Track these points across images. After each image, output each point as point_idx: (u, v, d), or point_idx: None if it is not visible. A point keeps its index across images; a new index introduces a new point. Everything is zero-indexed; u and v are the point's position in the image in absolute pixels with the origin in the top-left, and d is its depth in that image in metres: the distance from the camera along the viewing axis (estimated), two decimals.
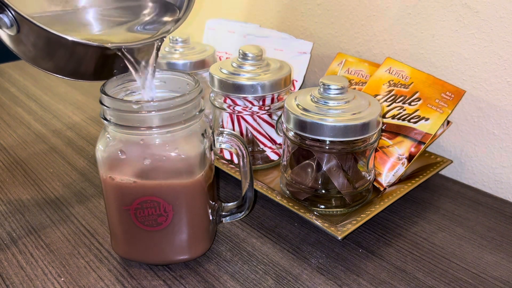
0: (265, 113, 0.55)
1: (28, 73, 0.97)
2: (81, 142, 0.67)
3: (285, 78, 0.54)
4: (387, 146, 0.52)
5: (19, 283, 0.41)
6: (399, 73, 0.56)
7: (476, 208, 0.52)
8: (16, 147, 0.66)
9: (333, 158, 0.47)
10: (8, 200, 0.54)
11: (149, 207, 0.39)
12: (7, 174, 0.59)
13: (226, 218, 0.46)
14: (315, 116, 0.44)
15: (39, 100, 0.83)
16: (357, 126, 0.44)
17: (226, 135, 0.42)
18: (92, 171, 0.60)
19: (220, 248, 0.46)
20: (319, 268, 0.43)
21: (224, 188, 0.56)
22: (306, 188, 0.48)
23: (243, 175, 0.44)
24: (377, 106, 0.47)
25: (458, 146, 0.59)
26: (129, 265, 0.43)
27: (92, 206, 0.52)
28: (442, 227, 0.48)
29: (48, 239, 0.47)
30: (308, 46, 0.67)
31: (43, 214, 0.51)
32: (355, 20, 0.67)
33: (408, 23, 0.60)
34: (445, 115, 0.51)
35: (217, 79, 0.53)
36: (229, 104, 0.55)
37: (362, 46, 0.67)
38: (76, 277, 0.42)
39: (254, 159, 0.57)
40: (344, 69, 0.63)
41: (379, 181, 0.52)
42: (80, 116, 0.76)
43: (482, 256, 0.44)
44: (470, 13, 0.53)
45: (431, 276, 0.42)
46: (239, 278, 0.42)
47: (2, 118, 0.76)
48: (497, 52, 0.52)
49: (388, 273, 0.42)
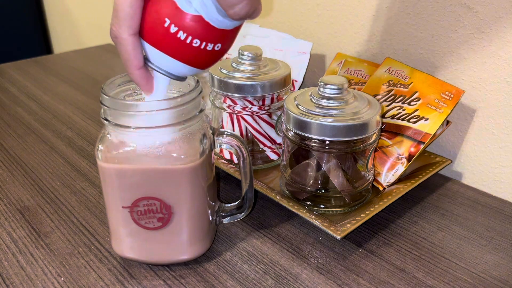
0: (264, 113, 0.55)
1: (28, 73, 0.97)
2: (81, 142, 0.67)
3: (285, 78, 0.54)
4: (386, 146, 0.52)
5: (19, 283, 0.41)
6: (398, 73, 0.56)
7: (476, 208, 0.52)
8: (16, 147, 0.66)
9: (333, 158, 0.47)
10: (8, 200, 0.54)
11: (148, 207, 0.39)
12: (7, 174, 0.59)
13: (226, 218, 0.46)
14: (314, 116, 0.45)
15: (39, 100, 0.83)
16: (356, 126, 0.44)
17: (226, 136, 0.42)
18: (92, 171, 0.60)
19: (220, 248, 0.46)
20: (318, 267, 0.43)
21: (224, 188, 0.56)
22: (306, 188, 0.48)
23: (243, 176, 0.44)
24: (376, 106, 0.47)
25: (457, 146, 0.59)
26: (129, 265, 0.43)
27: (92, 206, 0.52)
28: (441, 227, 0.49)
29: (48, 239, 0.47)
30: (307, 46, 0.67)
31: (43, 214, 0.51)
32: (354, 20, 0.67)
33: (408, 23, 0.60)
34: (444, 115, 0.51)
35: (217, 79, 0.53)
36: (228, 104, 0.55)
37: (362, 46, 0.67)
38: (76, 277, 0.42)
39: (254, 159, 0.57)
40: (344, 69, 0.63)
41: (379, 181, 0.52)
42: (80, 116, 0.76)
43: (481, 256, 0.45)
44: (470, 13, 0.53)
45: (431, 275, 0.42)
46: (239, 278, 0.42)
47: (2, 118, 0.76)
48: (496, 52, 0.52)
49: (387, 273, 0.42)
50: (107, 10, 1.27)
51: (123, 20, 0.34)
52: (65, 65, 1.03)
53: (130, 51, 0.35)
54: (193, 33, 0.34)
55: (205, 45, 0.35)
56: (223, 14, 0.33)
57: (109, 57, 1.08)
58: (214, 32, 0.34)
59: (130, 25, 0.34)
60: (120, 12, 0.34)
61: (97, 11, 1.34)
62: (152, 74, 0.38)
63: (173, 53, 0.35)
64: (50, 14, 1.70)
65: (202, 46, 0.35)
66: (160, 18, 0.34)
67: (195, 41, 0.34)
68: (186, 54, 0.35)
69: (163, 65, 0.37)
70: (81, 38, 1.52)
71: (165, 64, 0.36)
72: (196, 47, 0.35)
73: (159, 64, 0.37)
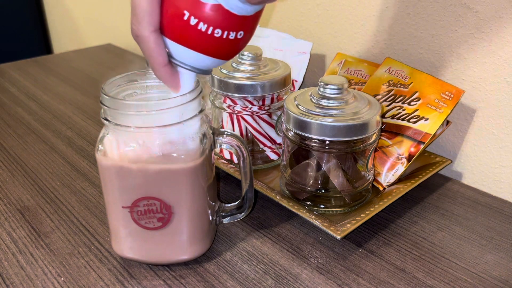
0: (264, 113, 0.55)
1: (28, 73, 0.97)
2: (81, 142, 0.67)
3: (285, 78, 0.54)
4: (386, 146, 0.52)
5: (19, 283, 0.41)
6: (398, 73, 0.56)
7: (476, 208, 0.52)
8: (16, 147, 0.66)
9: (333, 158, 0.47)
10: (8, 200, 0.54)
11: (148, 207, 0.39)
12: (7, 174, 0.59)
13: (226, 218, 0.46)
14: (314, 116, 0.45)
15: (39, 100, 0.83)
16: (356, 126, 0.44)
17: (226, 136, 0.42)
18: (92, 171, 0.60)
19: (220, 248, 0.46)
20: (318, 267, 0.43)
21: (224, 188, 0.56)
22: (306, 188, 0.48)
23: (243, 176, 0.44)
24: (376, 106, 0.47)
25: (457, 146, 0.59)
26: (129, 265, 0.43)
27: (92, 206, 0.52)
28: (441, 227, 0.49)
29: (48, 239, 0.47)
30: (307, 46, 0.67)
31: (43, 214, 0.51)
32: (354, 20, 0.67)
33: (408, 23, 0.60)
34: (444, 115, 0.51)
35: (217, 79, 0.53)
36: (228, 104, 0.55)
37: (362, 46, 0.67)
38: (76, 277, 0.42)
39: (254, 159, 0.57)
40: (344, 69, 0.63)
41: (379, 181, 0.52)
42: (80, 116, 0.76)
43: (481, 256, 0.45)
44: (470, 13, 0.53)
45: (431, 275, 0.42)
46: (238, 277, 0.42)
47: (2, 118, 0.76)
48: (496, 51, 0.52)
49: (387, 273, 0.42)
50: (107, 10, 1.27)
51: (142, 18, 0.33)
52: (65, 65, 1.03)
53: (153, 49, 0.34)
54: (214, 23, 0.33)
55: (227, 34, 0.34)
56: (242, 0, 0.32)
57: (109, 57, 1.08)
58: (235, 19, 0.33)
59: (150, 22, 0.34)
60: (139, 10, 0.33)
61: (97, 11, 1.34)
62: (177, 70, 0.37)
63: (196, 46, 0.34)
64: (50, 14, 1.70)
65: (225, 36, 0.34)
66: (179, 11, 0.33)
67: (217, 31, 0.33)
68: (208, 46, 0.34)
69: (187, 60, 0.35)
70: (81, 38, 1.52)
71: (189, 58, 0.35)
72: (219, 37, 0.33)
73: (183, 59, 0.36)
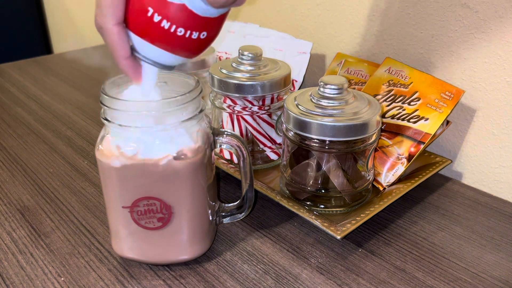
0: (264, 113, 0.55)
1: (28, 73, 0.97)
2: (81, 142, 0.67)
3: (285, 78, 0.54)
4: (386, 146, 0.52)
5: (19, 283, 0.41)
6: (398, 73, 0.56)
7: (476, 208, 0.52)
8: (16, 147, 0.66)
9: (333, 158, 0.47)
10: (8, 200, 0.54)
11: (148, 207, 0.39)
12: (7, 174, 0.59)
13: (226, 218, 0.46)
14: (314, 116, 0.45)
15: (39, 100, 0.83)
16: (356, 126, 0.44)
17: (226, 136, 0.42)
18: (92, 171, 0.60)
19: (220, 248, 0.46)
20: (318, 267, 0.43)
21: (224, 188, 0.56)
22: (306, 188, 0.48)
23: (243, 176, 0.44)
24: (376, 106, 0.47)
25: (457, 146, 0.59)
26: (129, 265, 0.43)
27: (92, 206, 0.52)
28: (441, 227, 0.49)
29: (48, 239, 0.47)
30: (307, 46, 0.67)
31: (43, 214, 0.51)
32: (354, 20, 0.67)
33: (408, 23, 0.60)
34: (444, 115, 0.51)
35: (217, 79, 0.53)
36: (228, 104, 0.55)
37: (362, 46, 0.67)
38: (76, 277, 0.42)
39: (254, 159, 0.57)
40: (344, 69, 0.63)
41: (379, 181, 0.52)
42: (80, 116, 0.76)
43: (481, 256, 0.45)
44: (470, 13, 0.53)
45: (431, 275, 0.42)
46: (238, 277, 0.42)
47: (2, 118, 0.76)
48: (496, 51, 0.52)
49: (387, 273, 0.42)
50: None
51: (106, 10, 0.34)
52: (65, 65, 1.03)
53: (116, 41, 0.35)
54: (177, 22, 0.33)
55: (190, 34, 0.34)
56: (206, 2, 0.33)
57: (109, 57, 1.08)
58: (198, 20, 0.34)
59: (114, 15, 0.34)
60: (104, 2, 0.34)
61: None
62: (140, 64, 0.38)
63: (158, 43, 0.35)
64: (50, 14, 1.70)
65: (187, 35, 0.34)
66: (143, 7, 0.33)
67: (180, 30, 0.34)
68: (171, 43, 0.35)
69: (149, 54, 0.36)
70: (81, 38, 1.52)
71: (151, 53, 0.36)
72: (181, 36, 0.34)
73: (145, 54, 0.36)
